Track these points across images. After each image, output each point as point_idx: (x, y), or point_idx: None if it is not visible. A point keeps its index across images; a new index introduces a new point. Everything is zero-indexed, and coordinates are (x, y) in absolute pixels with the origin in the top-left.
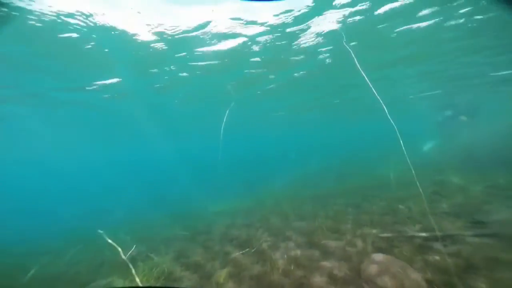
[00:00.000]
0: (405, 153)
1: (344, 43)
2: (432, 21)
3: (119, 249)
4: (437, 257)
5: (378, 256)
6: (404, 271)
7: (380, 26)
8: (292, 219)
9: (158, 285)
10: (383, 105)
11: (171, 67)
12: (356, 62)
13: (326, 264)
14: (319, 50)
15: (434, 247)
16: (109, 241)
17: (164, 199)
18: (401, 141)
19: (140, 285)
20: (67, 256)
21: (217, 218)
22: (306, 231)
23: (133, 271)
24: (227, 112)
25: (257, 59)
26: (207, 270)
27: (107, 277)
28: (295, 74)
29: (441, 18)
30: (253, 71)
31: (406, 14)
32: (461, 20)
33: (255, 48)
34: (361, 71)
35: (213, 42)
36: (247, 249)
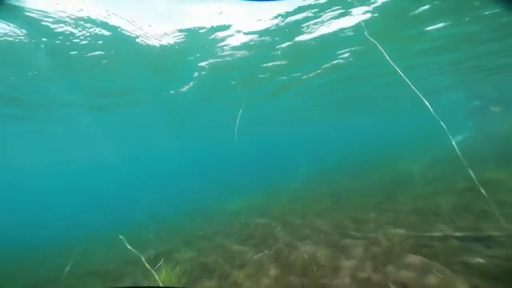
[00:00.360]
0: (454, 143)
1: (366, 35)
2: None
3: (142, 257)
4: (480, 260)
5: (407, 257)
6: (442, 274)
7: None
8: (309, 216)
9: (180, 285)
10: (421, 97)
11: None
12: (385, 54)
13: (348, 264)
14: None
15: (473, 249)
16: (129, 247)
17: (186, 197)
18: (447, 131)
19: (161, 285)
20: (100, 254)
21: (234, 217)
22: (325, 229)
23: (156, 277)
24: (240, 111)
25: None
26: (225, 270)
27: (133, 276)
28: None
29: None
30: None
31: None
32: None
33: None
34: (390, 61)
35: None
36: (265, 251)
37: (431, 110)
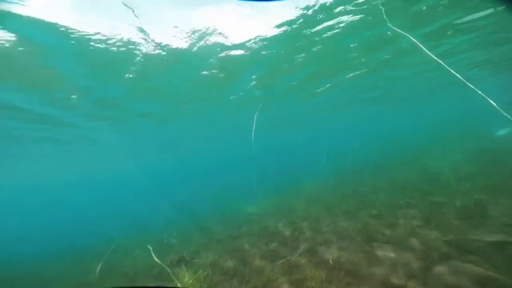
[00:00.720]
0: None
1: (396, 28)
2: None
3: (169, 270)
4: None
5: (450, 264)
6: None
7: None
8: (332, 218)
9: None
10: (475, 89)
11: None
12: (421, 46)
13: (377, 270)
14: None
15: None
16: (157, 260)
17: (206, 200)
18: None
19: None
20: (129, 258)
21: (253, 219)
22: (348, 233)
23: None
24: (255, 114)
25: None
26: (245, 275)
27: (159, 280)
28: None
29: None
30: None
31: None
32: None
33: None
34: (431, 54)
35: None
36: (287, 257)
37: (491, 102)
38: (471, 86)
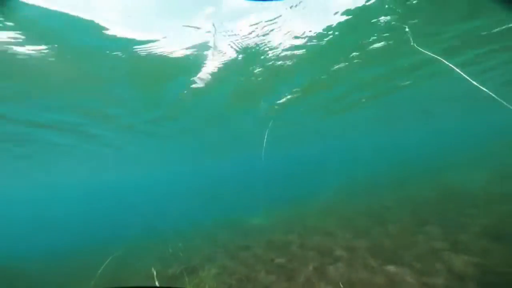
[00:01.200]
0: None
1: (415, 45)
2: None
3: None
4: None
5: None
6: None
7: None
8: (344, 235)
9: None
10: (500, 99)
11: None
12: (451, 65)
13: None
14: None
15: None
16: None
17: (213, 211)
18: None
19: None
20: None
21: (260, 232)
22: (362, 251)
23: None
24: (266, 131)
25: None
26: None
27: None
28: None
29: None
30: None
31: None
32: None
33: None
34: (460, 71)
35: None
36: (295, 275)
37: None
38: (504, 103)
